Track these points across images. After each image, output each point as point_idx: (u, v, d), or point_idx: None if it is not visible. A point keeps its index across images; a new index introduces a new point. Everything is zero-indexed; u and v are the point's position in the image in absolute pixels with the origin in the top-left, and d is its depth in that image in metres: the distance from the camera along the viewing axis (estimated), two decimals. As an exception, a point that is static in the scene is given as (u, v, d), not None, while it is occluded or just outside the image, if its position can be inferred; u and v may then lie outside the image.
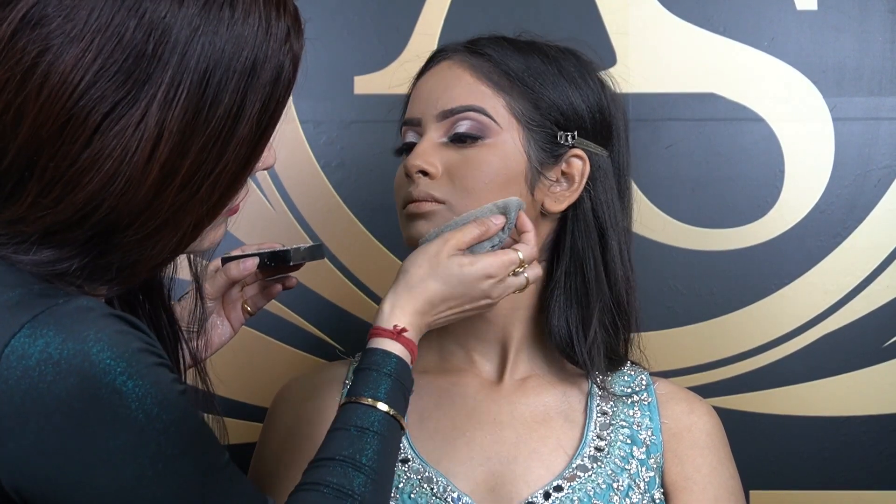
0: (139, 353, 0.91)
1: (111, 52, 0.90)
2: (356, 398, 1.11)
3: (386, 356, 1.14)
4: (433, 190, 1.27)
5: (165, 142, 0.91)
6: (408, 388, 1.15)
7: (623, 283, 1.33)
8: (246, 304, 1.31)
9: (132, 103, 0.91)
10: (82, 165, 0.91)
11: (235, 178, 0.97)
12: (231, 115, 0.94)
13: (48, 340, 0.88)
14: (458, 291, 1.20)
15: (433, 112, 1.30)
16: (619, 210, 1.34)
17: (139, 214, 0.93)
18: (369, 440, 1.08)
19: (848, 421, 1.70)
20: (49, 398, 0.87)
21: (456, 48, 1.34)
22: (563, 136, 1.30)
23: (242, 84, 0.94)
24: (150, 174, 0.91)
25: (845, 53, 1.70)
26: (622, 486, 1.28)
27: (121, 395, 0.89)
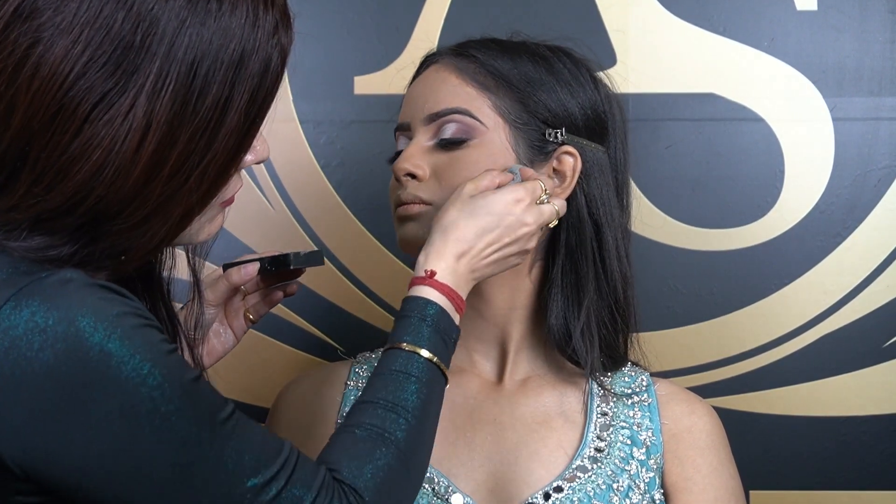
0: (124, 315, 0.92)
1: (100, 43, 0.92)
2: (396, 344, 1.11)
3: (420, 302, 1.14)
4: (420, 192, 1.28)
5: (154, 131, 0.93)
6: (449, 334, 1.14)
7: (620, 279, 1.33)
8: (248, 312, 1.32)
9: (121, 93, 0.92)
10: (72, 155, 0.92)
11: (225, 168, 0.98)
12: (219, 106, 0.95)
13: (34, 310, 0.89)
14: (491, 222, 1.19)
15: (420, 116, 1.31)
16: (616, 206, 1.34)
17: (128, 203, 0.94)
18: (409, 385, 1.07)
19: (848, 421, 1.70)
20: (38, 366, 0.88)
21: (444, 52, 1.35)
22: (552, 133, 1.31)
23: (230, 75, 0.95)
24: (139, 163, 0.93)
25: (845, 53, 1.70)
26: (622, 487, 1.28)
27: (109, 356, 0.90)
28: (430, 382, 1.09)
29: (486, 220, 1.19)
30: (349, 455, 1.03)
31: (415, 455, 1.06)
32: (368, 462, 1.02)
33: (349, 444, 1.04)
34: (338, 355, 1.48)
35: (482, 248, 1.19)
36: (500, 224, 1.19)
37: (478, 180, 1.23)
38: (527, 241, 1.22)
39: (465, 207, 1.20)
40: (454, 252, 1.17)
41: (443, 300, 1.14)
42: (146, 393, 0.91)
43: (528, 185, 1.23)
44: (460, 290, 1.17)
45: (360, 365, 1.40)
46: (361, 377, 1.38)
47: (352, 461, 1.02)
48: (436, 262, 1.17)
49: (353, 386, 1.37)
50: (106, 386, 0.90)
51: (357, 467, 1.02)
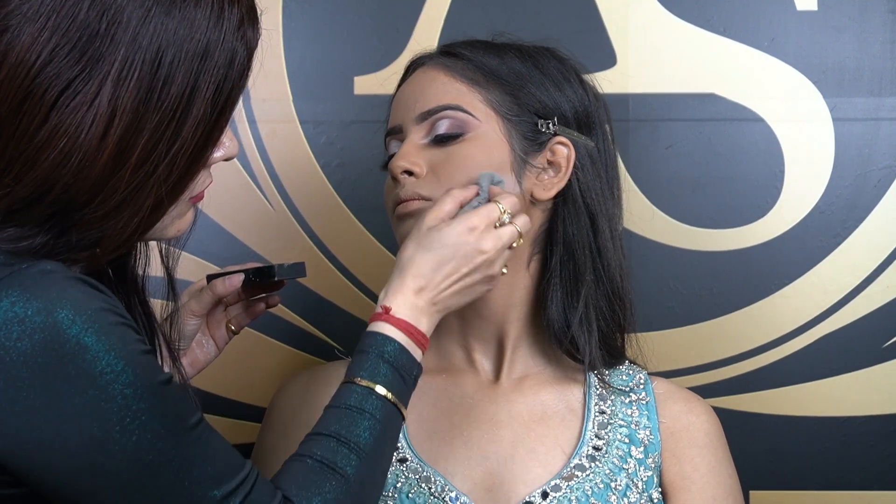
0: (102, 311, 0.93)
1: (66, 30, 0.94)
2: (352, 379, 1.10)
3: (378, 338, 1.12)
4: (419, 188, 1.28)
5: (119, 119, 0.94)
6: (409, 371, 1.12)
7: (617, 268, 1.33)
8: (230, 324, 1.32)
9: (86, 81, 0.94)
10: (40, 142, 0.94)
11: (193, 159, 0.99)
12: (184, 96, 0.97)
13: (13, 300, 0.90)
14: (447, 254, 1.16)
15: (412, 115, 1.31)
16: (609, 198, 1.34)
17: (97, 192, 0.95)
18: (363, 421, 1.07)
19: (848, 421, 1.70)
20: (15, 354, 0.90)
21: (430, 54, 1.36)
22: (544, 124, 1.31)
23: (195, 66, 0.97)
24: (105, 151, 0.94)
25: (845, 53, 1.70)
26: (620, 486, 1.28)
27: (85, 350, 0.91)
28: (385, 420, 1.08)
29: (441, 252, 1.16)
30: (299, 484, 1.03)
31: (364, 492, 1.05)
32: (318, 493, 1.02)
33: (301, 473, 1.03)
34: (336, 355, 1.48)
35: (440, 281, 1.16)
36: (455, 255, 1.16)
37: (438, 207, 1.20)
38: (488, 267, 1.18)
39: (421, 242, 1.17)
40: (412, 287, 1.15)
41: (401, 336, 1.12)
42: (118, 390, 0.92)
43: (482, 211, 1.19)
44: (421, 325, 1.14)
45: (359, 364, 1.40)
46: (359, 376, 1.38)
47: (301, 489, 1.02)
48: (393, 298, 1.14)
49: (352, 385, 1.37)
50: (79, 379, 0.91)
51: (307, 498, 1.02)
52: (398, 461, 1.29)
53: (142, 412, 0.93)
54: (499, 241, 1.18)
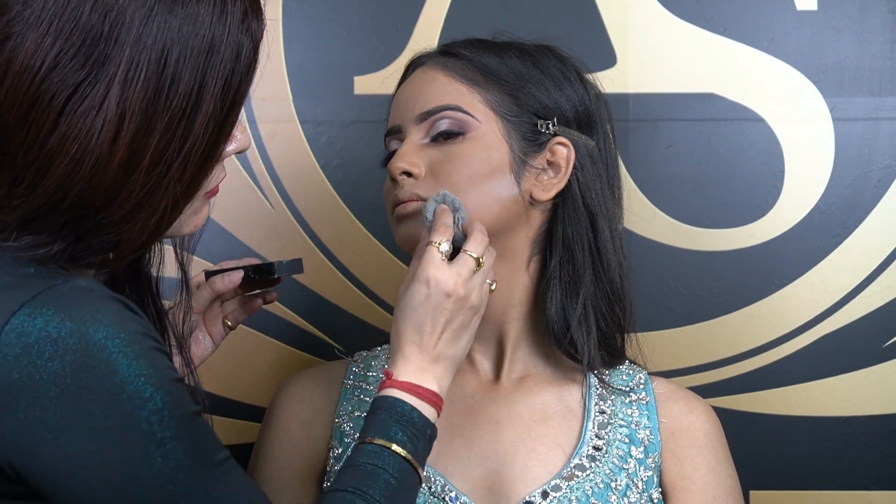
0: (137, 335, 0.92)
1: (69, 34, 0.93)
2: (366, 439, 1.10)
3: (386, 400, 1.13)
4: (418, 189, 1.28)
5: (129, 120, 0.93)
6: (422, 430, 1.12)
7: (616, 268, 1.33)
8: (226, 319, 1.32)
9: (93, 84, 0.93)
10: (51, 149, 0.93)
11: (207, 156, 0.99)
12: (193, 93, 0.96)
13: (48, 319, 0.90)
14: (420, 315, 1.16)
15: (411, 116, 1.31)
16: (610, 198, 1.34)
17: (112, 196, 0.95)
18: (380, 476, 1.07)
19: (848, 421, 1.70)
20: (45, 373, 0.89)
21: (430, 54, 1.36)
22: (544, 125, 1.31)
23: (201, 62, 0.96)
24: (117, 154, 0.93)
25: (845, 53, 1.70)
26: (620, 486, 1.28)
27: (115, 373, 0.90)
28: (401, 477, 1.08)
29: (414, 316, 1.16)
30: None
31: None
32: None
33: None
34: (336, 355, 1.48)
35: (428, 339, 1.16)
36: (427, 312, 1.16)
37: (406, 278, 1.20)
38: (463, 303, 1.17)
39: (398, 314, 1.17)
40: (407, 353, 1.15)
41: (409, 397, 1.13)
42: (145, 416, 0.91)
43: (424, 259, 1.18)
44: (428, 384, 1.14)
45: (358, 364, 1.40)
46: (359, 376, 1.38)
47: None
48: (394, 365, 1.15)
49: (351, 385, 1.37)
50: (107, 402, 0.90)
51: None
52: (398, 461, 1.29)
53: (166, 441, 0.92)
54: (458, 276, 1.17)
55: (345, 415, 1.35)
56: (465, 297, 1.17)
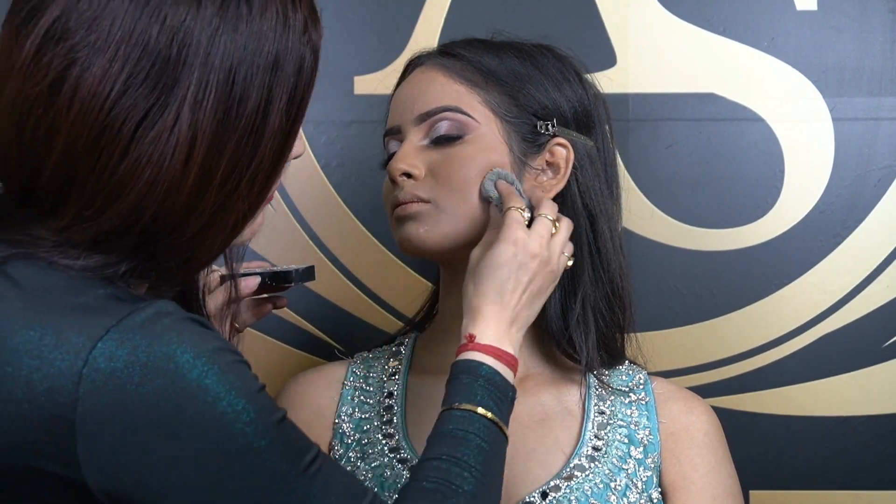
0: (219, 351, 0.92)
1: (137, 59, 0.92)
2: (451, 405, 1.11)
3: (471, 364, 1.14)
4: (418, 190, 1.28)
5: (200, 142, 0.93)
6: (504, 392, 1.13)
7: (616, 268, 1.33)
8: (234, 322, 1.32)
9: (163, 108, 0.92)
10: (122, 175, 0.92)
11: (272, 170, 0.99)
12: (260, 110, 0.95)
13: (136, 344, 0.89)
14: (503, 274, 1.18)
15: (410, 117, 1.31)
16: (609, 198, 1.35)
17: (184, 217, 0.95)
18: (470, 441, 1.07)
19: (848, 421, 1.70)
20: (137, 398, 0.89)
21: (429, 54, 1.36)
22: (543, 126, 1.31)
23: (267, 78, 0.96)
24: (190, 176, 0.93)
25: (845, 53, 1.70)
26: (619, 486, 1.28)
27: (206, 392, 0.90)
28: (491, 440, 1.09)
29: (497, 275, 1.18)
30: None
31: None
32: None
33: (419, 497, 1.03)
34: (337, 355, 1.48)
35: (509, 300, 1.18)
36: (511, 271, 1.18)
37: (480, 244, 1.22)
38: (545, 265, 1.21)
39: (477, 276, 1.19)
40: (487, 315, 1.17)
41: (491, 360, 1.14)
42: (240, 429, 0.91)
43: (508, 222, 1.21)
44: (506, 347, 1.16)
45: (358, 365, 1.40)
46: (359, 377, 1.38)
47: None
48: (474, 326, 1.17)
49: (351, 386, 1.37)
50: (201, 421, 0.90)
51: None
52: (398, 461, 1.29)
53: (262, 450, 0.92)
54: (541, 238, 1.21)
55: (345, 416, 1.35)
56: (547, 258, 1.21)
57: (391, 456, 1.30)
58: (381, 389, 1.37)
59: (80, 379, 0.88)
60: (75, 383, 0.88)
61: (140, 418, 0.89)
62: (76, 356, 0.88)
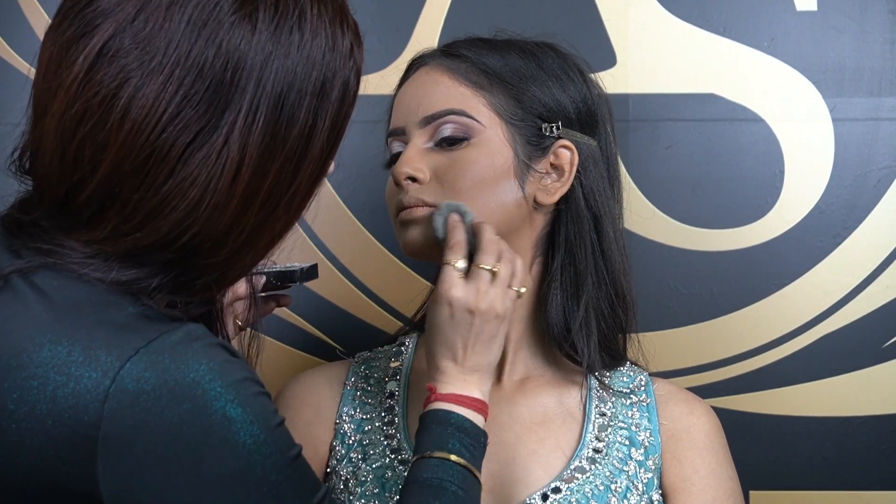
0: (246, 381, 0.93)
1: (192, 82, 0.92)
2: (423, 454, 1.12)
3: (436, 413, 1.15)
4: (423, 194, 1.28)
5: (247, 165, 0.93)
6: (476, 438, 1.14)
7: (620, 269, 1.33)
8: (237, 319, 1.32)
9: (213, 130, 0.92)
10: (166, 194, 0.92)
11: (308, 193, 1.00)
12: (304, 135, 0.96)
13: (165, 367, 0.89)
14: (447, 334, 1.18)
15: (415, 119, 1.31)
16: (612, 198, 1.35)
17: (223, 237, 0.95)
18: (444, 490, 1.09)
19: (848, 421, 1.70)
20: (161, 422, 0.89)
21: (432, 54, 1.35)
22: (548, 128, 1.31)
23: (314, 104, 0.96)
24: (235, 197, 0.93)
25: (845, 54, 1.70)
26: (620, 488, 1.28)
27: (231, 421, 0.91)
28: (466, 486, 1.10)
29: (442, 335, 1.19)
30: None
31: None
32: None
33: None
34: (337, 355, 1.48)
35: (460, 352, 1.18)
36: (454, 331, 1.18)
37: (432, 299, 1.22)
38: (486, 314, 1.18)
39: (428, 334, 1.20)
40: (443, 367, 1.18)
41: (456, 407, 1.15)
42: (259, 461, 0.92)
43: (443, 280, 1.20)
44: (472, 392, 1.17)
45: (359, 365, 1.40)
46: (360, 377, 1.38)
47: None
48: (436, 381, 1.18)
49: (352, 386, 1.37)
50: (222, 449, 0.91)
51: None
52: (399, 462, 1.29)
53: (278, 483, 0.93)
54: (476, 292, 1.19)
55: (346, 416, 1.35)
56: (487, 309, 1.18)
57: (392, 457, 1.30)
58: (383, 390, 1.36)
59: (106, 398, 0.88)
60: (101, 402, 0.88)
61: (162, 442, 0.89)
62: (104, 375, 0.88)
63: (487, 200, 1.27)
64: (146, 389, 0.88)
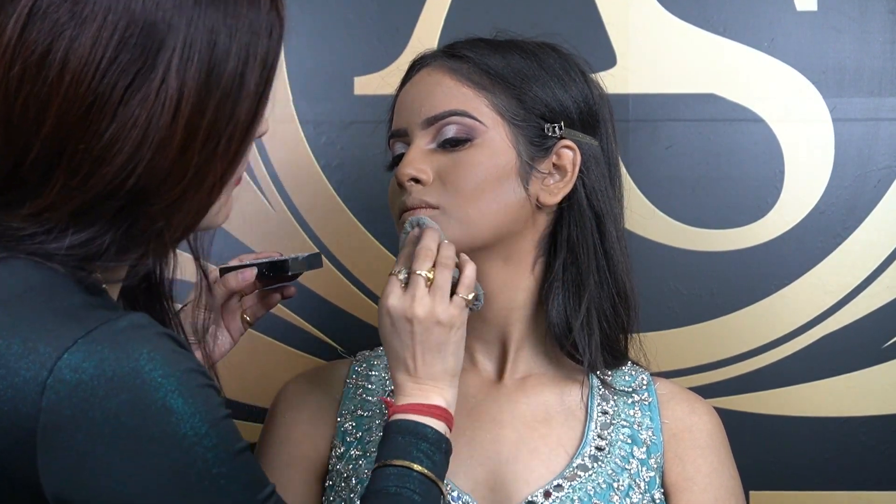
0: (190, 372, 0.92)
1: (126, 26, 0.93)
2: (384, 462, 1.12)
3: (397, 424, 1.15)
4: (426, 196, 1.28)
5: (186, 102, 0.94)
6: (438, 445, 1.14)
7: (622, 269, 1.33)
8: (245, 314, 1.32)
9: (150, 70, 0.93)
10: (110, 139, 0.93)
11: (246, 132, 1.00)
12: (238, 71, 0.97)
13: (103, 357, 0.89)
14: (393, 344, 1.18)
15: (417, 120, 1.30)
16: (613, 198, 1.35)
17: (166, 178, 0.95)
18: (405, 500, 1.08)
19: (848, 421, 1.70)
20: (100, 412, 0.88)
21: (434, 55, 1.35)
22: (550, 128, 1.31)
23: (244, 42, 0.98)
24: (176, 135, 0.94)
25: (845, 54, 1.70)
26: (622, 486, 1.28)
27: (171, 412, 0.90)
28: (426, 496, 1.10)
29: (388, 347, 1.18)
30: None
31: None
32: None
33: None
34: (337, 355, 1.48)
35: (411, 363, 1.17)
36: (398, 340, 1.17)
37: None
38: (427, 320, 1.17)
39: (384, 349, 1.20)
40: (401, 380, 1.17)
41: (416, 417, 1.14)
42: (200, 453, 0.91)
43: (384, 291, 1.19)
44: (431, 400, 1.16)
45: (360, 363, 1.40)
46: (361, 375, 1.38)
47: None
48: (395, 392, 1.18)
49: (353, 384, 1.37)
50: (163, 441, 0.90)
51: None
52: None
53: (221, 476, 0.92)
54: (412, 300, 1.18)
55: (347, 414, 1.35)
56: (425, 316, 1.17)
57: (392, 456, 1.29)
58: (383, 388, 1.37)
59: (44, 389, 0.87)
60: (39, 393, 0.87)
61: (101, 433, 0.88)
62: (42, 366, 0.88)
63: (490, 201, 1.27)
64: (84, 380, 0.88)
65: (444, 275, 1.20)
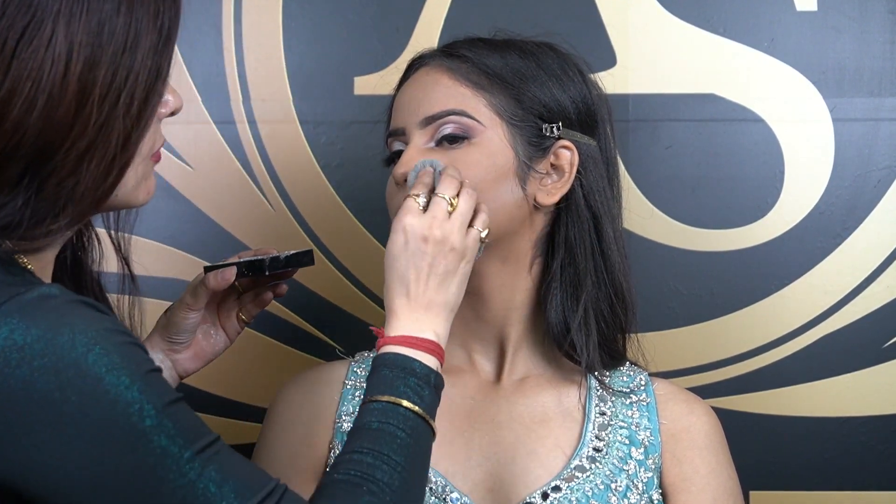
0: (107, 331, 0.92)
1: None
2: (371, 398, 1.09)
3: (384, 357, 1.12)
4: None
5: (77, 54, 0.94)
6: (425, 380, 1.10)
7: (620, 269, 1.33)
8: (241, 313, 1.32)
9: (39, 24, 0.94)
10: (4, 94, 0.93)
11: (149, 91, 0.99)
12: (132, 24, 0.97)
13: (13, 328, 0.89)
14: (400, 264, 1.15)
15: (415, 119, 1.30)
16: (611, 198, 1.34)
17: (67, 133, 0.95)
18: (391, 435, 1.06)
19: (848, 421, 1.70)
20: (14, 381, 0.89)
21: (432, 54, 1.35)
22: (548, 129, 1.31)
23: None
24: (69, 87, 0.94)
25: (845, 54, 1.70)
26: (620, 487, 1.28)
27: (87, 371, 0.90)
28: (414, 433, 1.07)
29: (396, 266, 1.16)
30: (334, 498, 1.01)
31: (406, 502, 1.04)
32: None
33: (334, 488, 1.02)
34: (337, 355, 1.48)
35: (414, 287, 1.15)
36: (408, 260, 1.15)
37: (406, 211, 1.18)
38: (441, 245, 1.16)
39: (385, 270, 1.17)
40: (396, 307, 1.15)
41: (406, 350, 1.12)
42: (122, 409, 0.91)
43: (400, 210, 1.18)
44: (424, 333, 1.14)
45: (359, 364, 1.40)
46: (360, 376, 1.38)
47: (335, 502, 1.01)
48: (386, 324, 1.15)
49: (352, 385, 1.37)
50: (83, 400, 0.90)
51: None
52: (398, 461, 1.29)
53: (148, 430, 0.92)
54: (433, 219, 1.17)
55: (345, 415, 1.35)
56: (442, 239, 1.16)
57: (391, 456, 1.29)
58: (382, 390, 1.36)
59: None
60: None
61: (18, 401, 0.89)
62: None
63: (488, 201, 1.27)
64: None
65: (469, 203, 1.19)
